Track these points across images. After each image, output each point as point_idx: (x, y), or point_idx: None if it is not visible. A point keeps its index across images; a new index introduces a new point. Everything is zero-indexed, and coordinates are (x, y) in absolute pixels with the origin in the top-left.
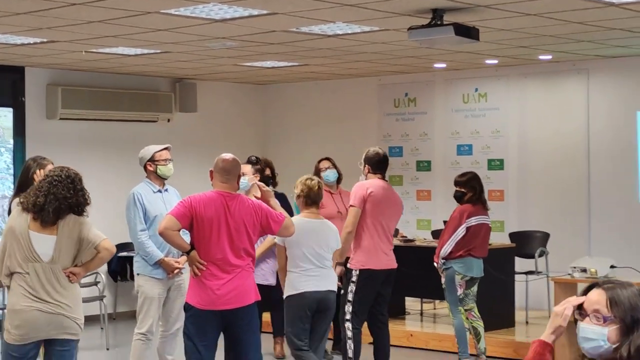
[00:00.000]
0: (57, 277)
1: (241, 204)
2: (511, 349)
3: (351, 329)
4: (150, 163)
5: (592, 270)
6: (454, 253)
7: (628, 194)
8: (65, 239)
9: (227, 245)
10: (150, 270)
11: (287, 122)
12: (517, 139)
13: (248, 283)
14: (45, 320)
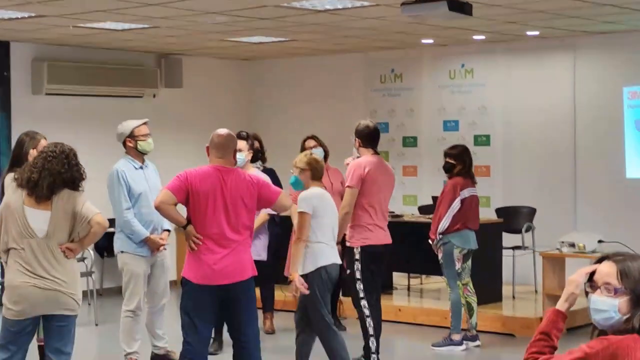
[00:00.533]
0: (52, 252)
1: (237, 178)
2: (499, 323)
3: (367, 306)
4: (129, 139)
5: (580, 245)
6: (451, 227)
7: (615, 170)
8: (59, 214)
9: (223, 219)
10: (135, 248)
11: (273, 98)
12: (503, 115)
13: (245, 258)
14: (42, 296)
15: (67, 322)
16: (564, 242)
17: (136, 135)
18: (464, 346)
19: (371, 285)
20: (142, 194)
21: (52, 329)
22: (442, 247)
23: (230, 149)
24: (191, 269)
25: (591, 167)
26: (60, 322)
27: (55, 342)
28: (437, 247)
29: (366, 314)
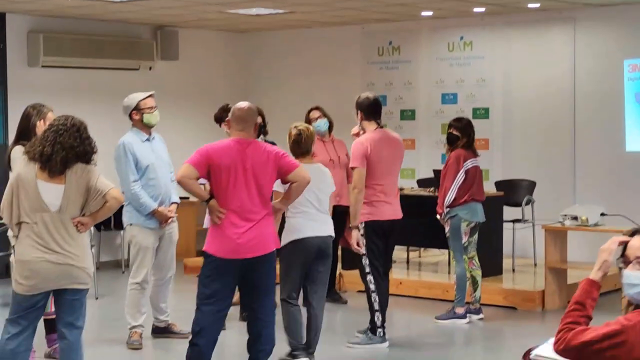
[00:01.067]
0: (65, 226)
1: (256, 149)
2: (501, 297)
3: (373, 281)
4: (135, 112)
5: (582, 218)
6: (458, 199)
7: (614, 143)
8: (73, 188)
9: (245, 192)
10: (143, 220)
11: (270, 71)
12: (502, 88)
13: (268, 231)
14: (54, 270)
15: (80, 296)
16: (567, 215)
17: (142, 107)
18: (467, 319)
19: (377, 260)
20: (149, 166)
21: (64, 303)
22: (449, 220)
23: (251, 122)
24: (214, 242)
25: (591, 140)
26: (72, 296)
27: (67, 316)
28: (445, 221)
29: (372, 289)
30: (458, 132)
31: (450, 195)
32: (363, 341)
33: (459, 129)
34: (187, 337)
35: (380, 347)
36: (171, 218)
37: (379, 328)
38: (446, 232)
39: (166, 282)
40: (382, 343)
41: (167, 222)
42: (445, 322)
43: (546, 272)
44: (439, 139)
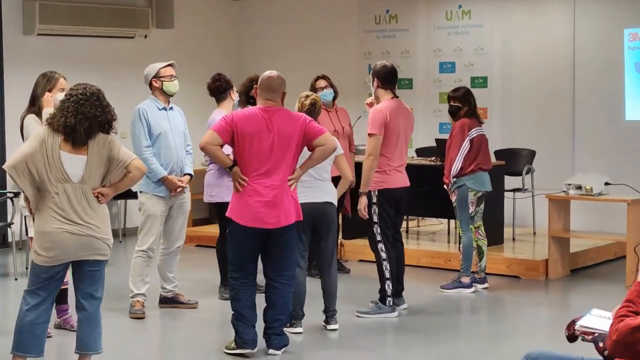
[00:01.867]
0: (87, 197)
1: (283, 117)
2: (504, 265)
3: (384, 250)
4: (155, 79)
5: (587, 187)
6: (464, 169)
7: (614, 112)
8: (95, 158)
9: (268, 160)
10: (153, 188)
11: (265, 39)
12: (500, 57)
13: (290, 202)
14: (75, 242)
15: (99, 267)
16: (571, 184)
17: (162, 75)
18: (472, 288)
19: (389, 228)
20: (162, 134)
21: (84, 274)
22: (456, 190)
23: (279, 92)
24: (236, 209)
25: (590, 109)
26: (92, 267)
27: (87, 287)
28: (452, 191)
29: (383, 257)
30: (458, 102)
31: (456, 165)
32: (373, 311)
33: (458, 99)
34: (194, 307)
35: (390, 317)
36: (181, 187)
37: (389, 297)
38: (453, 202)
39: (174, 252)
40: (391, 312)
41: (177, 191)
42: (451, 292)
43: (550, 241)
44: (437, 108)
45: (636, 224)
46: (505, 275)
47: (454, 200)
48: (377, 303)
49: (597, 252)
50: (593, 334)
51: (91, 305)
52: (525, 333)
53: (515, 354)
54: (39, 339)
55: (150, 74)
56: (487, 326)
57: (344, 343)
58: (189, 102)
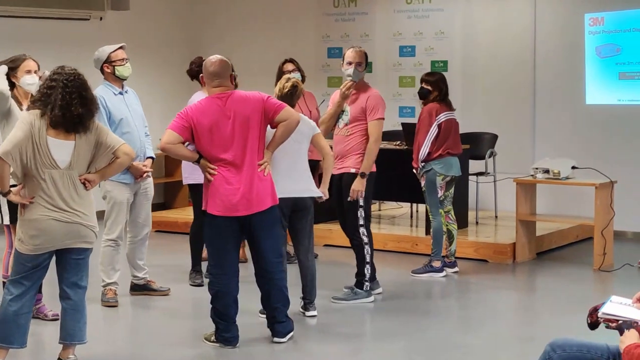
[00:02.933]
0: (74, 184)
1: (238, 100)
2: (472, 249)
3: (366, 233)
4: (106, 65)
5: (554, 171)
6: (432, 154)
7: (575, 97)
8: (83, 144)
9: (233, 147)
10: (118, 176)
11: (222, 22)
12: (461, 41)
13: (263, 186)
14: (61, 229)
15: (85, 255)
16: (538, 168)
17: (113, 60)
18: (443, 273)
19: (370, 211)
20: (124, 119)
21: (69, 263)
22: (424, 174)
23: (226, 74)
24: (209, 200)
25: (551, 93)
26: (78, 255)
27: (72, 276)
28: (421, 175)
29: (365, 241)
30: (429, 85)
31: (423, 150)
32: (349, 297)
33: (431, 83)
34: (166, 293)
35: (366, 302)
36: (146, 173)
37: (367, 281)
38: (422, 187)
39: (142, 239)
40: (367, 297)
41: (142, 177)
42: (423, 276)
43: (517, 225)
44: (397, 92)
45: (604, 207)
46: (473, 259)
47: (422, 184)
48: (352, 288)
49: (560, 235)
50: (617, 321)
51: (76, 294)
52: (503, 317)
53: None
54: (23, 330)
55: (101, 59)
56: (464, 310)
57: (323, 330)
58: (147, 84)
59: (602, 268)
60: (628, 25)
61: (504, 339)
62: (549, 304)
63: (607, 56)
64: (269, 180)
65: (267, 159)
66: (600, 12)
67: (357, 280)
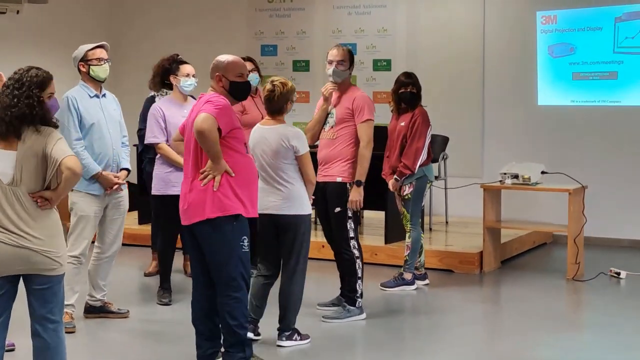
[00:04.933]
0: (21, 202)
1: (197, 103)
2: (436, 259)
3: (357, 247)
4: (82, 63)
5: (525, 177)
6: (426, 160)
7: (526, 98)
8: (26, 155)
9: (186, 154)
10: (85, 186)
11: (146, 17)
12: (405, 39)
13: (200, 196)
14: (8, 253)
15: (50, 284)
16: (507, 173)
17: (89, 58)
18: (415, 285)
19: (359, 224)
20: (95, 124)
21: (32, 293)
22: (415, 181)
23: (212, 76)
24: None
25: (501, 94)
26: (41, 284)
27: (38, 308)
28: (410, 183)
29: (356, 254)
30: (415, 88)
31: (423, 155)
32: (342, 315)
33: (414, 85)
34: (126, 316)
35: (359, 319)
36: (117, 184)
37: (359, 298)
38: (405, 195)
39: (109, 258)
40: (360, 314)
41: (112, 189)
42: (394, 290)
43: (485, 232)
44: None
45: (576, 214)
46: (438, 269)
47: (407, 192)
48: (344, 306)
49: (520, 242)
50: None
51: (46, 330)
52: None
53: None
54: None
55: (77, 57)
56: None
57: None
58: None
59: (575, 277)
60: (582, 23)
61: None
62: (534, 318)
63: (560, 56)
64: (212, 189)
65: (208, 167)
66: (552, 9)
67: (349, 296)
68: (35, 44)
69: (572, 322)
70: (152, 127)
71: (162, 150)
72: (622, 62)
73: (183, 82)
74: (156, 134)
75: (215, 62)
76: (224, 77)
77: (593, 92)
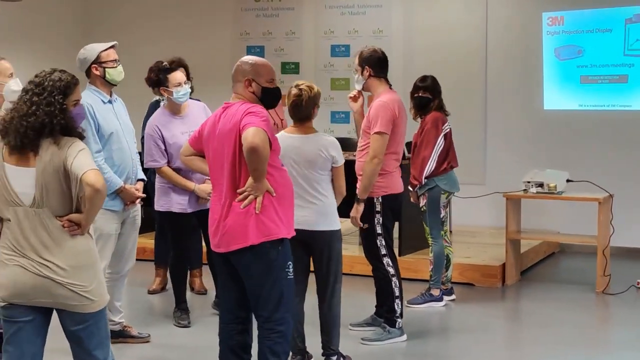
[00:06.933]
0: (45, 226)
1: (229, 112)
2: (456, 272)
3: (391, 264)
4: (95, 66)
5: (551, 185)
6: (437, 168)
7: (532, 102)
8: (48, 171)
9: (217, 170)
10: (106, 202)
11: (124, 15)
12: (402, 41)
13: (238, 221)
14: (28, 281)
15: (84, 323)
16: (530, 182)
17: (104, 60)
18: (443, 302)
19: (392, 239)
20: (114, 133)
21: (67, 332)
22: (427, 192)
23: (234, 79)
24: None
25: (505, 98)
26: (73, 323)
27: (77, 349)
28: (422, 194)
29: (391, 272)
30: (428, 93)
31: (430, 165)
32: (383, 337)
33: (429, 89)
34: (147, 340)
35: (399, 341)
36: (139, 198)
37: (398, 318)
38: (421, 207)
39: (122, 277)
40: (401, 336)
41: (133, 204)
42: (422, 307)
43: (507, 244)
44: (329, 95)
45: (605, 224)
46: (458, 282)
47: (422, 204)
48: (384, 327)
49: (534, 253)
50: None
51: None
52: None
53: None
54: None
55: (88, 59)
56: (499, 350)
57: None
58: None
59: (605, 291)
60: (590, 25)
61: None
62: (570, 337)
63: (568, 58)
64: (253, 212)
65: (247, 188)
66: (559, 10)
67: (387, 317)
68: (8, 40)
69: (607, 341)
70: (150, 151)
71: (164, 174)
72: (633, 65)
73: (176, 93)
74: (156, 158)
75: (242, 65)
76: (254, 81)
77: (602, 96)
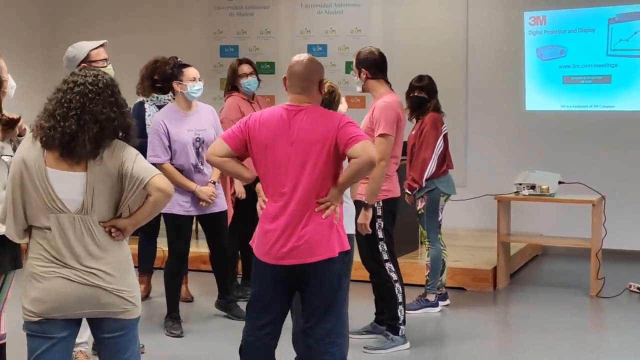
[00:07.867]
0: (92, 233)
1: (307, 117)
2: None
3: (393, 269)
4: (85, 64)
5: (543, 187)
6: (437, 170)
7: (513, 103)
8: (100, 175)
9: (287, 176)
10: None
11: (89, 14)
12: (381, 40)
13: (319, 231)
14: (73, 291)
15: (123, 330)
16: (522, 184)
17: (94, 59)
18: (439, 307)
19: (393, 244)
20: None
21: (103, 342)
22: (426, 195)
23: (308, 82)
24: (255, 239)
25: (486, 99)
26: (112, 331)
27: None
28: (420, 197)
29: (394, 278)
30: (425, 93)
31: (431, 167)
32: (386, 345)
33: (425, 89)
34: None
35: (402, 349)
36: None
37: (401, 325)
38: (418, 210)
39: None
40: (404, 343)
41: None
42: (418, 312)
43: (499, 247)
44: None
45: (599, 225)
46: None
47: (420, 207)
48: (387, 335)
49: (521, 255)
50: None
51: None
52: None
53: None
54: None
55: (78, 57)
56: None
57: None
58: None
59: (599, 294)
60: (573, 25)
61: None
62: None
63: (550, 58)
64: (333, 222)
65: (331, 198)
66: (541, 10)
67: (390, 324)
68: None
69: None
70: (154, 145)
71: (166, 171)
72: (616, 66)
73: (190, 87)
74: (158, 153)
75: (314, 64)
76: (321, 82)
77: (585, 97)
